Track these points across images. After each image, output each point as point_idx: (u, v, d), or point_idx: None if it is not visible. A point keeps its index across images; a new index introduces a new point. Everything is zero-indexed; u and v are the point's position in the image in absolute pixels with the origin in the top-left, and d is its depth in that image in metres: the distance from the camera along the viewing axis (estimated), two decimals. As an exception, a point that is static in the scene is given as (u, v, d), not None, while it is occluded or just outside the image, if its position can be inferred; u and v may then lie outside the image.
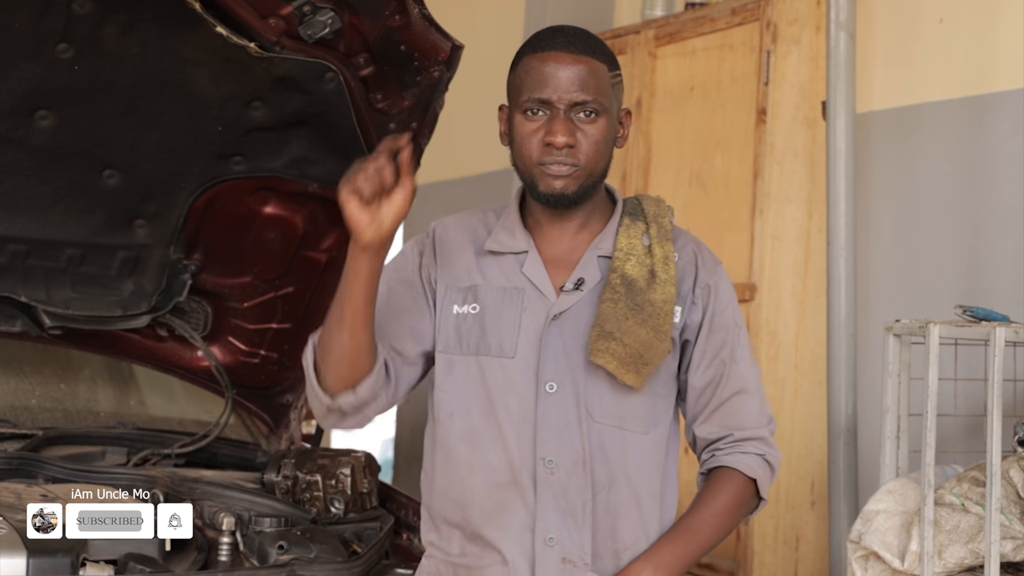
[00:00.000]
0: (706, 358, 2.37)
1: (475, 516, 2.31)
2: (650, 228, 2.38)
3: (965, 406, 3.62)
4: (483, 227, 2.42)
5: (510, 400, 2.30)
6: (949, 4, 4.08)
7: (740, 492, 2.37)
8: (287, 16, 3.13)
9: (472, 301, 2.35)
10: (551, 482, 2.28)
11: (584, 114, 2.29)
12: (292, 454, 3.36)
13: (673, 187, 4.77)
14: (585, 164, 2.29)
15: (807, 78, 4.41)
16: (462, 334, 2.34)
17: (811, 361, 4.36)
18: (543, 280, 2.34)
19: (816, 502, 4.34)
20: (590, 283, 2.34)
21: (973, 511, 3.16)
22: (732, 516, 2.37)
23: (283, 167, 3.50)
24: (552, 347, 2.31)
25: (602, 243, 2.37)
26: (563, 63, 2.29)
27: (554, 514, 2.28)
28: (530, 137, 2.30)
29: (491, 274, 2.36)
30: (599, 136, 2.30)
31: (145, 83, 3.26)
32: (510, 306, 2.33)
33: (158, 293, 3.64)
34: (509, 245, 2.37)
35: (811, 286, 4.38)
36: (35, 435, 3.46)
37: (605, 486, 2.30)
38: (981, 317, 3.29)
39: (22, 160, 3.34)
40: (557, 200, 2.31)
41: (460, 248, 2.40)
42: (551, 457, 2.28)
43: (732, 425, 2.38)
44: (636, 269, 2.32)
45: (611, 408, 2.31)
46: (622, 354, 2.27)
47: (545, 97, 2.28)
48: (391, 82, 3.34)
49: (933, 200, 4.08)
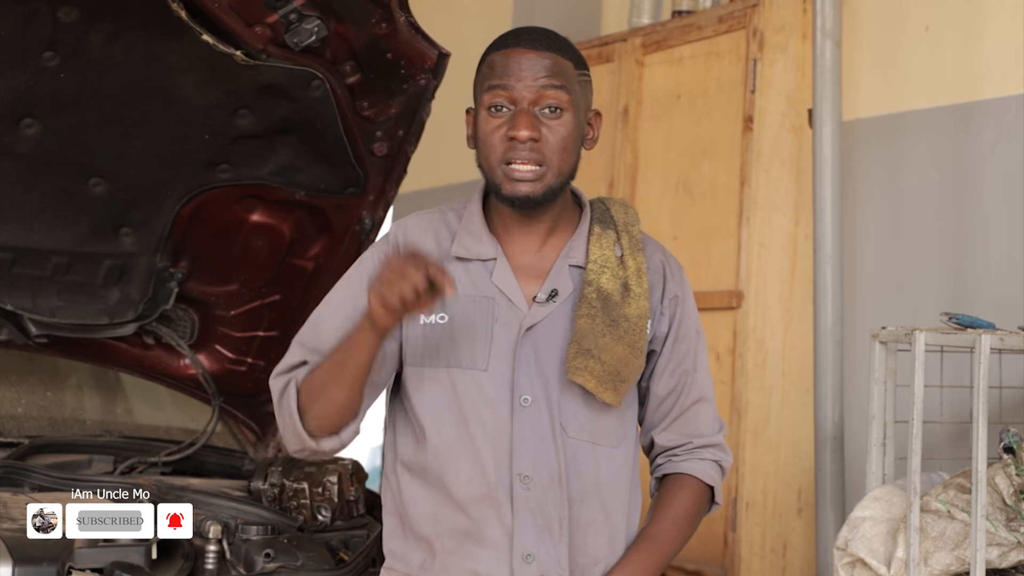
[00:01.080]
0: (669, 367, 2.37)
1: (448, 531, 2.27)
2: (621, 238, 2.35)
3: (951, 413, 3.63)
4: (445, 229, 2.35)
5: (484, 413, 2.26)
6: (935, 12, 4.09)
7: (699, 498, 2.38)
8: (273, 24, 3.13)
9: (440, 310, 2.28)
10: (528, 498, 2.25)
11: (549, 110, 2.24)
12: (279, 462, 3.35)
13: (660, 194, 4.78)
14: (550, 161, 2.24)
15: (793, 86, 4.42)
16: (430, 345, 2.29)
17: (798, 368, 4.37)
18: (514, 290, 2.29)
19: (803, 509, 4.34)
20: (563, 294, 2.30)
21: (959, 518, 3.16)
22: (692, 522, 2.38)
23: (270, 175, 3.50)
24: (525, 359, 2.27)
25: (573, 252, 2.33)
26: (527, 56, 2.26)
27: (531, 530, 2.25)
28: (493, 134, 2.25)
29: (459, 282, 2.28)
30: (565, 133, 2.25)
31: (131, 91, 3.25)
32: (480, 316, 2.28)
33: (144, 301, 3.64)
34: (476, 251, 2.31)
35: (798, 293, 4.39)
36: (21, 443, 3.45)
37: (578, 501, 2.29)
38: (967, 324, 3.29)
39: (8, 168, 3.34)
40: (523, 203, 2.25)
41: (428, 253, 2.31)
42: (527, 473, 2.25)
43: (691, 433, 2.39)
44: (611, 282, 2.29)
45: (584, 423, 2.29)
46: (600, 372, 2.25)
47: (509, 89, 2.24)
48: (378, 90, 3.34)
49: (919, 207, 4.09)
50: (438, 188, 6.19)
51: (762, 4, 4.40)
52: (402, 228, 2.38)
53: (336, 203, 3.57)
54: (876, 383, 3.41)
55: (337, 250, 3.66)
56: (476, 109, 2.29)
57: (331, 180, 3.51)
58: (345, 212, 3.59)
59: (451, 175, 6.05)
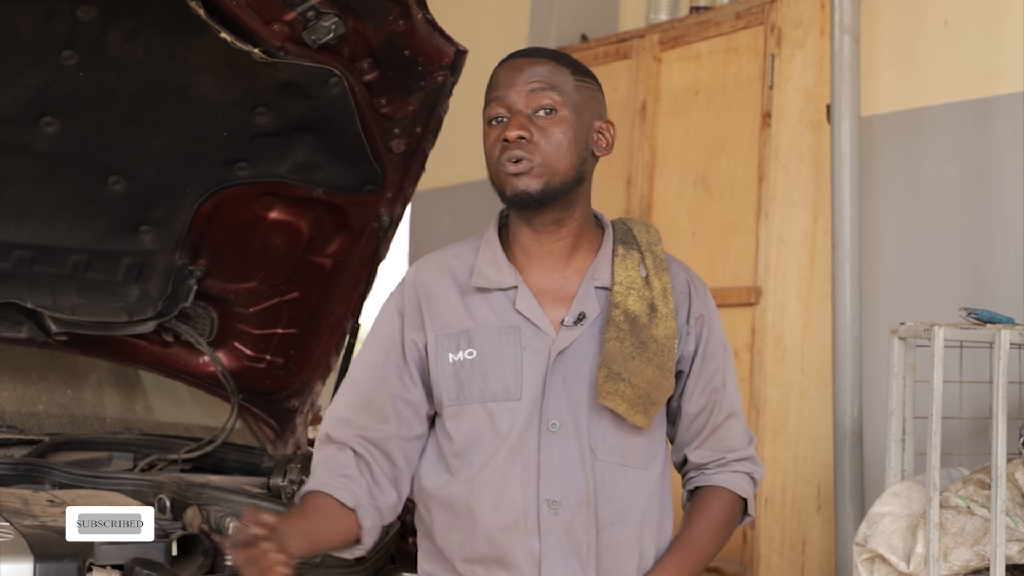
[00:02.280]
0: (699, 386, 2.36)
1: (478, 559, 2.26)
2: (645, 258, 2.33)
3: (970, 408, 3.62)
4: (461, 264, 2.34)
5: (512, 441, 2.25)
6: (954, 7, 4.08)
7: (731, 509, 2.38)
8: (291, 21, 3.13)
9: (467, 346, 2.27)
10: (555, 524, 2.24)
11: (544, 112, 2.25)
12: (298, 459, 3.36)
13: (678, 191, 4.77)
14: (544, 161, 2.24)
15: (811, 81, 4.41)
16: (462, 382, 2.27)
17: (816, 364, 4.36)
18: (539, 316, 2.28)
19: (822, 505, 4.34)
20: (590, 317, 2.28)
21: (979, 513, 3.15)
22: (725, 533, 2.37)
23: (288, 172, 3.50)
24: (555, 385, 2.26)
25: (598, 273, 2.31)
26: (519, 66, 2.29)
27: (559, 555, 2.24)
28: (494, 144, 2.27)
29: (481, 314, 2.29)
30: (559, 135, 2.25)
31: (149, 89, 3.26)
32: (508, 346, 2.27)
33: (164, 299, 3.64)
34: (496, 280, 2.30)
35: (816, 289, 4.38)
36: (42, 441, 3.46)
37: (608, 524, 2.27)
38: (986, 319, 3.29)
39: (27, 166, 3.35)
40: (522, 199, 2.25)
41: (443, 292, 2.32)
42: (555, 498, 2.24)
43: (724, 448, 2.38)
44: (637, 304, 2.28)
45: (614, 445, 2.28)
46: (631, 395, 2.24)
47: (502, 96, 2.26)
48: (395, 87, 3.34)
49: (938, 203, 4.08)
50: (456, 185, 6.20)
51: (780, 0, 4.40)
52: (417, 271, 2.37)
53: (354, 200, 3.57)
54: (895, 379, 3.41)
55: (355, 247, 3.67)
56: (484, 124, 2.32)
57: (349, 177, 3.51)
58: (363, 209, 3.59)
59: (469, 172, 6.05)
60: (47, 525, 2.78)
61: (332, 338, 3.80)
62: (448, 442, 2.30)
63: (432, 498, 2.32)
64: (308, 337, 3.81)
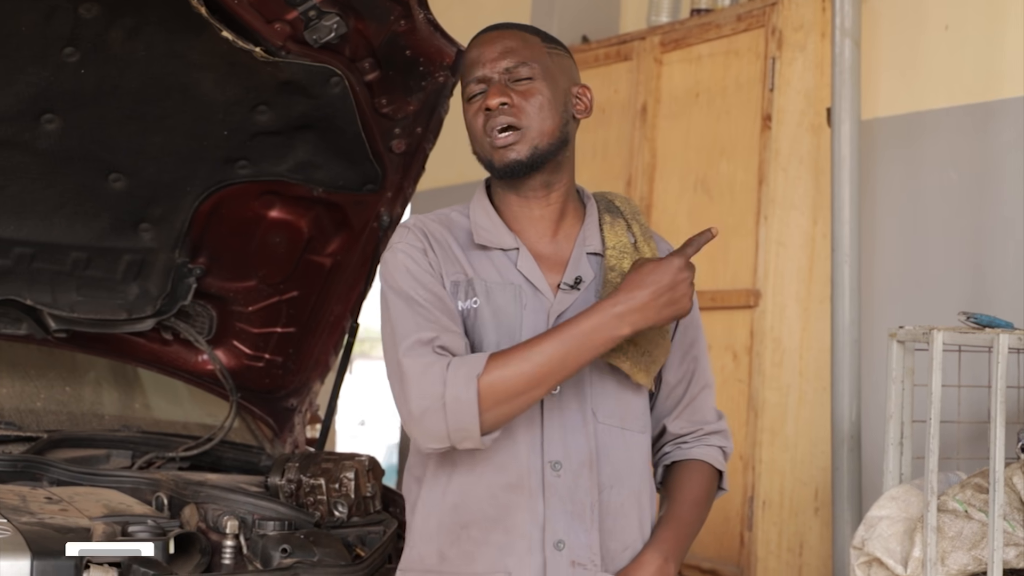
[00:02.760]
0: (678, 354, 2.41)
1: (475, 520, 2.27)
2: (631, 226, 2.39)
3: (968, 413, 3.62)
4: (457, 224, 2.37)
5: None
6: (955, 11, 4.09)
7: (711, 483, 2.43)
8: (293, 21, 3.14)
9: (472, 295, 2.30)
10: (558, 485, 2.26)
11: (520, 80, 2.29)
12: (296, 458, 3.36)
13: (678, 193, 4.78)
14: (528, 124, 2.28)
15: (812, 84, 4.41)
16: (471, 330, 2.29)
17: (815, 367, 4.37)
18: (539, 278, 2.32)
19: (820, 508, 4.34)
20: (586, 280, 2.33)
21: (976, 517, 3.16)
22: (707, 505, 2.43)
23: (288, 171, 3.50)
24: None
25: (589, 239, 2.36)
26: (489, 40, 2.34)
27: (562, 517, 2.26)
28: (475, 117, 2.32)
29: (483, 269, 2.32)
30: (539, 97, 2.29)
31: (151, 87, 3.26)
32: (510, 302, 2.30)
33: (163, 297, 3.64)
34: (497, 240, 2.34)
35: (815, 292, 4.38)
36: (40, 438, 3.46)
37: (608, 486, 2.31)
38: (985, 324, 3.29)
39: (28, 163, 3.35)
40: (513, 168, 2.29)
41: (448, 242, 2.34)
42: (558, 459, 2.27)
43: (699, 420, 2.44)
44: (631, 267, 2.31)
45: (614, 409, 2.32)
46: (634, 353, 2.29)
47: (478, 74, 2.31)
48: (396, 87, 3.34)
49: (937, 207, 4.08)
50: (456, 185, 6.20)
51: (781, 2, 4.40)
52: (420, 221, 2.37)
53: (354, 200, 3.57)
54: (893, 382, 3.41)
55: (355, 247, 3.67)
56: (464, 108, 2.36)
57: (349, 177, 3.52)
58: (363, 209, 3.60)
59: (469, 172, 6.04)
60: (45, 522, 2.77)
61: (331, 337, 3.81)
62: None
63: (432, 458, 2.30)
64: (307, 336, 3.81)
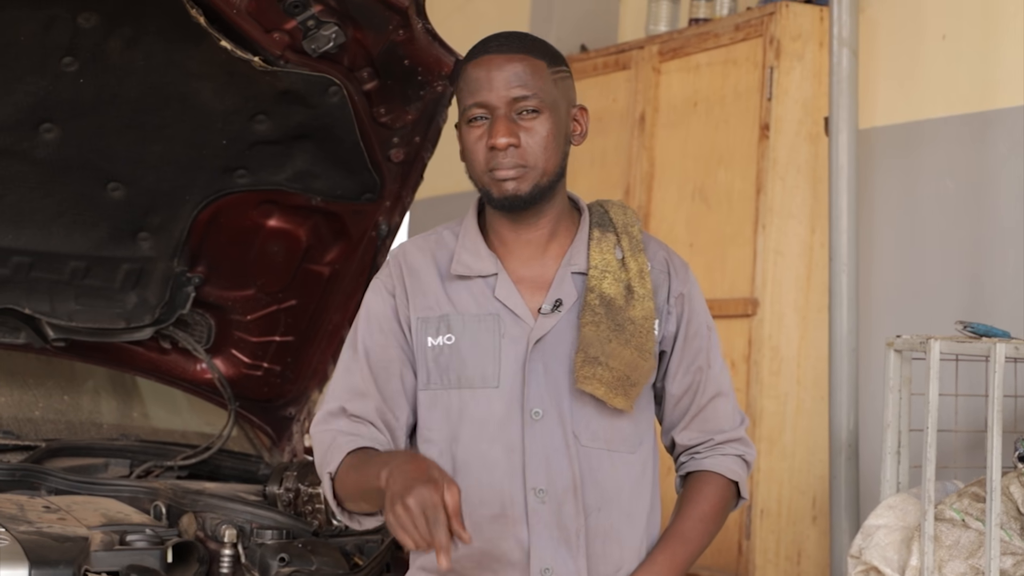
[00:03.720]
0: (683, 366, 2.35)
1: (465, 554, 2.23)
2: (621, 240, 2.33)
3: (966, 422, 3.63)
4: (442, 249, 2.34)
5: (495, 430, 2.24)
6: (952, 21, 4.09)
7: (723, 494, 2.36)
8: (291, 30, 3.14)
9: (446, 332, 2.28)
10: (543, 512, 2.24)
11: (526, 112, 2.24)
12: (294, 466, 3.36)
13: (676, 202, 4.78)
14: (534, 164, 2.24)
15: (810, 94, 4.42)
16: (441, 367, 2.27)
17: (813, 376, 4.37)
18: (518, 303, 2.28)
19: (817, 517, 4.34)
20: (567, 303, 2.29)
21: (973, 527, 3.16)
22: (718, 519, 2.36)
23: (287, 180, 3.51)
24: (535, 372, 2.26)
25: (574, 258, 2.31)
26: (496, 64, 2.25)
27: (548, 544, 2.24)
28: (476, 144, 2.26)
29: (461, 301, 2.29)
30: (544, 133, 2.24)
31: (149, 96, 3.27)
32: (487, 333, 2.27)
33: (161, 306, 3.65)
34: (476, 268, 2.30)
35: (813, 301, 4.39)
36: (38, 447, 3.46)
37: (595, 509, 2.27)
38: (982, 333, 3.29)
39: (27, 172, 3.36)
40: (512, 202, 2.25)
41: (426, 275, 2.32)
42: (541, 486, 2.24)
43: (711, 429, 2.37)
44: (613, 287, 2.28)
45: (598, 431, 2.28)
46: (609, 378, 2.24)
47: (483, 100, 2.24)
48: (394, 96, 3.35)
49: (935, 216, 4.09)
50: (454, 194, 6.19)
51: (779, 12, 4.41)
52: (402, 252, 2.37)
53: (353, 209, 3.58)
54: (891, 391, 3.42)
55: (353, 256, 3.67)
56: (459, 123, 2.30)
57: (348, 186, 3.52)
58: (362, 218, 3.60)
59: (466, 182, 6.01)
60: (43, 531, 2.78)
61: (329, 346, 3.81)
62: (424, 430, 2.30)
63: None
64: (305, 345, 3.81)
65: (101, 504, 3.06)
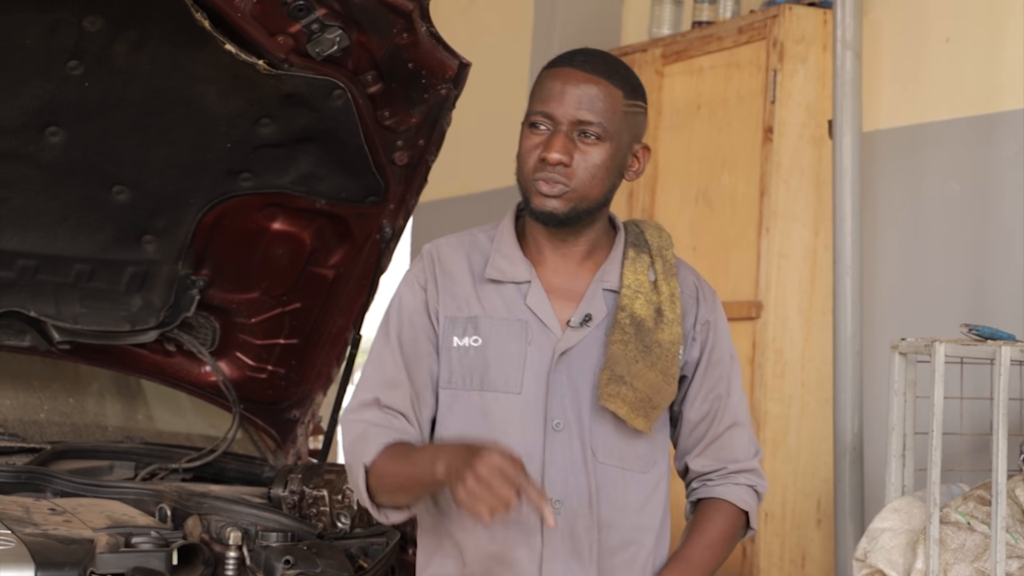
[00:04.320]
0: (702, 393, 2.35)
1: (477, 558, 2.26)
2: (655, 262, 2.33)
3: (971, 424, 3.62)
4: (477, 251, 2.35)
5: (515, 437, 2.24)
6: (956, 23, 4.09)
7: (733, 523, 2.37)
8: (295, 34, 3.15)
9: (473, 333, 2.28)
10: (557, 523, 2.23)
11: (586, 136, 2.22)
12: (299, 469, 3.36)
13: (680, 205, 4.78)
14: (577, 187, 2.23)
15: (813, 97, 4.42)
16: (465, 368, 2.28)
17: (817, 379, 4.37)
18: (548, 314, 2.28)
19: (822, 520, 4.34)
20: (597, 319, 2.29)
21: (979, 530, 3.16)
22: (726, 547, 2.37)
23: (291, 183, 3.51)
24: (559, 384, 2.26)
25: (607, 276, 2.32)
26: (573, 80, 2.24)
27: (560, 555, 2.25)
28: (530, 151, 2.25)
29: (492, 304, 2.29)
30: (598, 161, 2.23)
31: (154, 100, 3.27)
32: (514, 339, 2.27)
33: (166, 308, 3.65)
34: (510, 274, 2.30)
35: (817, 304, 4.39)
36: (43, 449, 3.47)
37: (607, 525, 2.28)
38: (987, 336, 3.29)
39: (32, 176, 3.36)
40: (547, 218, 2.25)
41: (459, 274, 2.32)
42: (558, 497, 2.25)
43: (725, 458, 2.37)
44: (644, 308, 2.28)
45: (614, 449, 2.29)
46: (632, 399, 2.24)
47: (548, 111, 2.23)
48: (399, 99, 3.35)
49: (939, 219, 4.09)
50: (458, 197, 6.20)
51: (782, 15, 4.41)
52: (436, 248, 2.37)
53: (357, 212, 3.58)
54: (896, 394, 3.41)
55: (357, 259, 3.67)
56: (523, 124, 2.28)
57: (352, 189, 3.52)
58: (366, 221, 3.60)
59: (471, 184, 6.07)
60: (48, 533, 2.78)
61: (334, 349, 3.81)
62: (443, 429, 2.30)
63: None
64: (310, 348, 3.81)
65: (106, 506, 3.06)
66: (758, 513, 2.44)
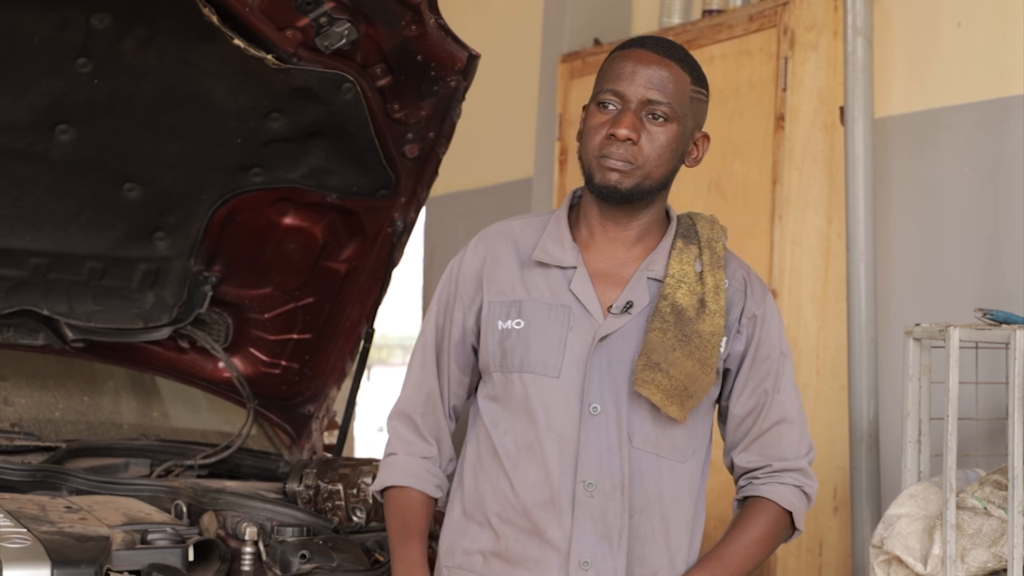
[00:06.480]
0: (748, 387, 2.36)
1: (507, 532, 2.30)
2: (703, 254, 2.35)
3: (986, 409, 3.61)
4: (526, 239, 2.39)
5: (553, 419, 2.28)
6: (967, 8, 4.08)
7: (775, 523, 2.36)
8: (304, 28, 3.15)
9: (516, 316, 2.32)
10: (589, 505, 2.26)
11: (655, 116, 2.27)
12: (314, 464, 3.37)
13: (692, 194, 4.77)
14: (643, 164, 2.27)
15: (825, 84, 4.40)
16: (506, 350, 2.32)
17: (832, 366, 4.36)
18: (591, 299, 2.31)
19: (839, 507, 4.33)
20: (638, 306, 2.31)
21: (996, 514, 3.15)
22: (765, 547, 2.36)
23: (301, 178, 3.51)
24: (597, 369, 2.29)
25: (653, 264, 2.34)
26: (644, 61, 2.29)
27: (590, 537, 2.27)
28: (597, 129, 2.28)
29: (536, 288, 2.33)
30: (664, 142, 2.28)
31: (164, 96, 3.28)
32: (556, 324, 2.30)
33: (179, 305, 3.66)
34: (557, 258, 2.34)
35: (831, 291, 4.37)
36: (59, 447, 3.48)
37: (639, 511, 2.29)
38: (1001, 320, 3.28)
39: (43, 174, 3.37)
40: (610, 193, 2.28)
41: (506, 260, 2.37)
42: (591, 480, 2.27)
43: (772, 455, 2.37)
44: (687, 298, 2.29)
45: (650, 435, 2.30)
46: (667, 386, 2.26)
47: (619, 89, 2.27)
48: (408, 92, 3.35)
49: (952, 204, 4.07)
50: (469, 190, 6.20)
51: (793, 2, 4.39)
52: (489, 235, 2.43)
53: (368, 205, 3.58)
54: (911, 380, 3.40)
55: (369, 252, 3.67)
56: (589, 104, 2.33)
57: (363, 182, 3.52)
58: (377, 214, 3.60)
59: (482, 177, 6.06)
60: (64, 531, 2.79)
61: (347, 343, 3.81)
62: (482, 409, 2.37)
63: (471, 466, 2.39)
64: (323, 342, 3.82)
65: (122, 504, 3.07)
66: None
